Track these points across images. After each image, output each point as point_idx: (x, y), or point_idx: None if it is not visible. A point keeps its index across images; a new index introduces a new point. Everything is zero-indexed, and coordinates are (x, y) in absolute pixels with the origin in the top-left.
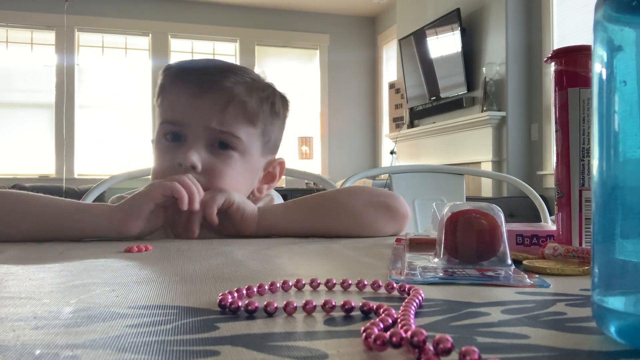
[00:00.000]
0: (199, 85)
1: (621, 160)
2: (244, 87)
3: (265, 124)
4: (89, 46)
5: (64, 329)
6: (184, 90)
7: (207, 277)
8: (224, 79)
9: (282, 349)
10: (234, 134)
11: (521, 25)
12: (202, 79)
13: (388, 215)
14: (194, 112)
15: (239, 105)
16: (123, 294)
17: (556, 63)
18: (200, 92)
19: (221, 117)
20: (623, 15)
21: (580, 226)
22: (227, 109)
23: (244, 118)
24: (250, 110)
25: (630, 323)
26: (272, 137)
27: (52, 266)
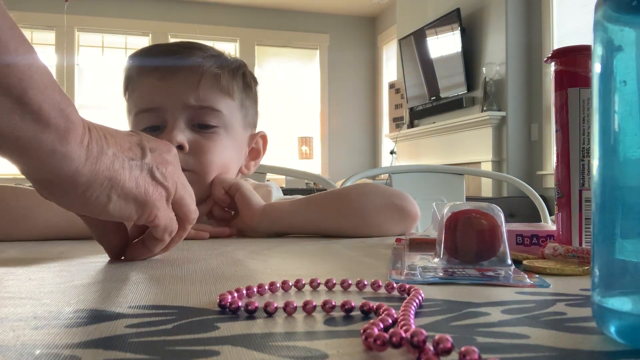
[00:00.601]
0: (167, 68)
1: (621, 160)
2: (212, 60)
3: (242, 97)
4: (89, 46)
5: (64, 329)
6: (154, 75)
7: (207, 277)
8: (191, 55)
9: (282, 349)
10: (214, 107)
11: (521, 25)
12: (168, 60)
13: (398, 217)
14: (168, 94)
15: (212, 79)
16: (123, 294)
17: (556, 63)
18: (170, 73)
19: (197, 93)
20: (623, 15)
21: (580, 226)
22: (201, 84)
23: (220, 90)
24: (225, 82)
25: (630, 323)
26: (250, 111)
27: (52, 266)
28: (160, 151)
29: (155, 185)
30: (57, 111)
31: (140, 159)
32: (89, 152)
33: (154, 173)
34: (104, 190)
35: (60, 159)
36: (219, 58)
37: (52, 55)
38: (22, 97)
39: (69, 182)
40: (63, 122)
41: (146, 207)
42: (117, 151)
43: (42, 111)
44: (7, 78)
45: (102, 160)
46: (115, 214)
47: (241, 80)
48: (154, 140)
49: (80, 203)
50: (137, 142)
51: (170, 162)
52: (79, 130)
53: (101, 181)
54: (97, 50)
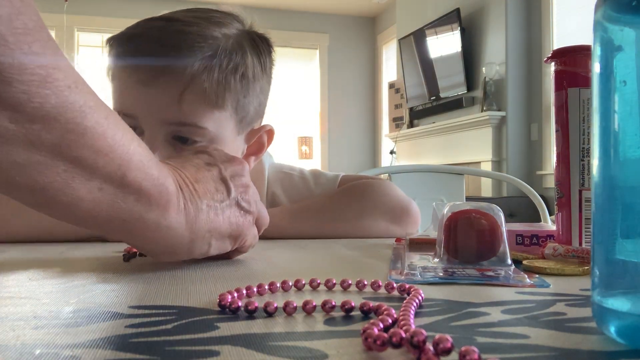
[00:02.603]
0: (148, 70)
1: (621, 160)
2: (202, 63)
3: (237, 100)
4: (89, 46)
5: (64, 329)
6: (132, 75)
7: (207, 277)
8: (177, 58)
9: (282, 349)
10: (197, 125)
11: (521, 25)
12: (150, 60)
13: (398, 226)
14: (145, 104)
15: (197, 91)
16: (123, 294)
17: (556, 63)
18: (150, 78)
19: (178, 109)
20: (623, 15)
21: (580, 226)
22: (183, 97)
23: (207, 103)
24: (213, 93)
25: (630, 323)
26: (250, 108)
27: (52, 266)
28: (239, 176)
29: (244, 215)
30: (157, 187)
31: (228, 197)
32: (187, 214)
33: (241, 204)
34: (205, 241)
35: (165, 231)
36: (212, 55)
37: None
38: (122, 181)
39: (175, 246)
40: (164, 196)
41: (239, 237)
42: (209, 199)
43: (143, 190)
44: (107, 166)
45: (199, 218)
46: (215, 253)
47: (238, 81)
48: (229, 163)
49: (185, 257)
50: (218, 177)
51: (248, 185)
52: (176, 197)
53: (202, 235)
54: (97, 50)
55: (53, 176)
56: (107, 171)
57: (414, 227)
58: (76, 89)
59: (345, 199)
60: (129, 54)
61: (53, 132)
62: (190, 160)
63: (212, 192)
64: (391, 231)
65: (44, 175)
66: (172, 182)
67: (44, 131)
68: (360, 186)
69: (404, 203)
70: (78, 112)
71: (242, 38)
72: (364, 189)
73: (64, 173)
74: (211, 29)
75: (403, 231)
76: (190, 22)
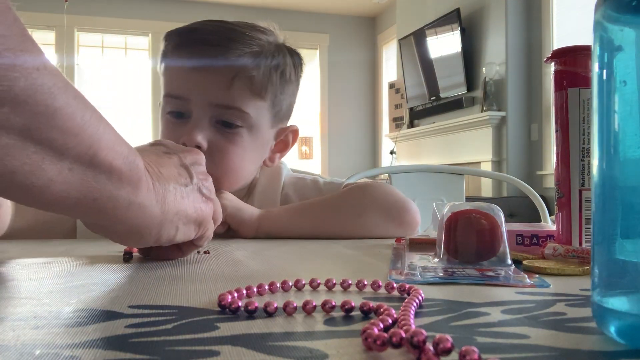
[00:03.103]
0: (202, 58)
1: (621, 160)
2: (250, 57)
3: (275, 94)
4: (89, 46)
5: (64, 329)
6: (187, 62)
7: (207, 277)
8: (229, 50)
9: (282, 349)
10: (242, 109)
11: (521, 25)
12: (205, 50)
13: (395, 225)
14: (197, 88)
15: (245, 79)
16: (123, 294)
17: (556, 63)
18: (203, 66)
19: (227, 93)
20: (623, 15)
21: (580, 226)
22: (232, 84)
23: (251, 92)
24: (258, 83)
25: (630, 323)
26: (284, 105)
27: (52, 266)
28: (198, 164)
29: (205, 202)
30: (127, 164)
31: (190, 182)
32: (157, 194)
33: (202, 191)
34: (173, 224)
35: (137, 210)
36: (259, 52)
37: (52, 55)
38: (93, 160)
39: (145, 227)
40: (135, 174)
41: (202, 225)
42: (174, 182)
43: (114, 168)
44: (77, 147)
45: (167, 199)
46: (180, 239)
47: (278, 78)
48: (187, 153)
49: (153, 241)
50: (179, 163)
51: (207, 174)
52: (146, 175)
53: (171, 217)
54: (97, 50)
55: (23, 159)
56: (77, 151)
57: (412, 226)
58: (45, 71)
59: (343, 198)
60: (187, 44)
61: (22, 115)
62: (148, 149)
63: (176, 176)
64: (388, 230)
65: (14, 158)
66: (141, 160)
67: (12, 114)
68: (359, 187)
69: (401, 202)
70: (47, 93)
71: (281, 45)
72: (362, 189)
73: (34, 155)
74: (257, 33)
75: (401, 230)
76: (240, 25)
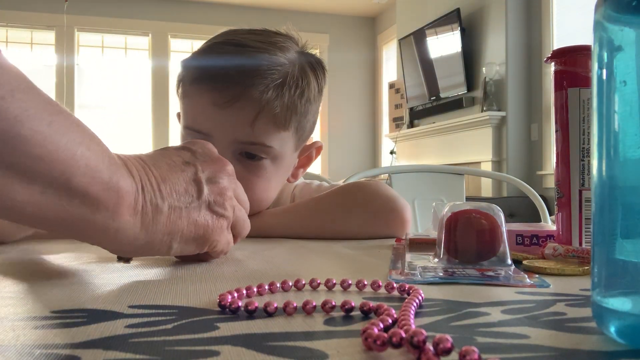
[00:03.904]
0: (224, 94)
1: (621, 160)
2: (274, 91)
3: (299, 121)
4: (89, 46)
5: (64, 329)
6: (207, 97)
7: (207, 277)
8: (252, 86)
9: (282, 349)
10: (266, 144)
11: (521, 25)
12: (227, 88)
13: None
14: (219, 125)
15: (269, 114)
16: (123, 294)
17: (556, 63)
18: (225, 102)
19: (250, 131)
20: (623, 15)
21: (580, 226)
22: (256, 121)
23: (275, 125)
24: (282, 116)
25: (630, 323)
26: (307, 127)
27: (52, 266)
28: (216, 178)
29: (215, 219)
30: (105, 189)
31: (197, 199)
32: (144, 216)
33: (213, 207)
34: (164, 244)
35: (114, 233)
36: (282, 83)
37: (52, 55)
38: (66, 185)
39: (130, 246)
40: (113, 198)
41: (207, 242)
42: (174, 200)
43: (90, 194)
44: (49, 173)
45: (158, 220)
46: (178, 254)
47: (303, 104)
48: (209, 164)
49: (143, 254)
50: (192, 177)
51: (227, 188)
52: (130, 198)
53: (160, 238)
54: (97, 50)
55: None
56: (49, 177)
57: (401, 226)
58: (12, 98)
59: (331, 198)
60: (207, 78)
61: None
62: (168, 157)
63: (179, 193)
64: (376, 230)
65: None
66: (129, 183)
67: None
68: (347, 186)
69: (389, 202)
70: (12, 121)
71: (304, 63)
72: (350, 188)
73: (2, 179)
74: (278, 54)
75: (389, 230)
76: (259, 48)
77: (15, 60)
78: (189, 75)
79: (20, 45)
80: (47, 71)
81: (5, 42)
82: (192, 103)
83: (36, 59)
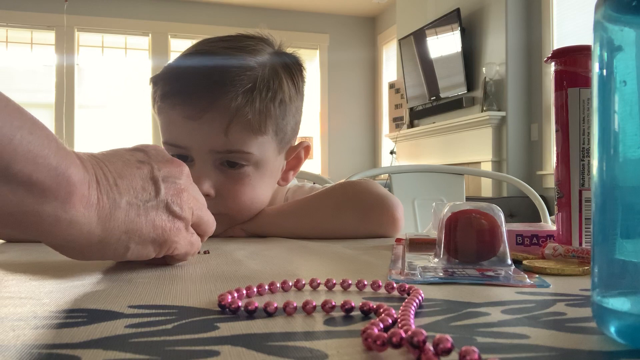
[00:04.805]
0: (195, 107)
1: (621, 160)
2: (244, 97)
3: (277, 124)
4: (89, 46)
5: (64, 329)
6: (179, 111)
7: (207, 277)
8: (221, 95)
9: (282, 349)
10: (244, 151)
11: (521, 25)
12: (196, 97)
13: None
14: (194, 137)
15: (242, 121)
16: (123, 294)
17: (556, 63)
18: (197, 114)
19: (225, 140)
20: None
21: (580, 226)
22: (230, 129)
23: (251, 131)
24: (256, 121)
25: (630, 323)
26: (288, 129)
27: (52, 266)
28: (173, 178)
29: (172, 220)
30: (53, 177)
31: (155, 198)
32: (100, 210)
33: (170, 207)
34: (122, 243)
35: (67, 226)
36: (253, 87)
37: (52, 55)
38: (6, 172)
39: (83, 243)
40: (63, 187)
41: (165, 244)
42: (131, 197)
43: (34, 182)
44: None
45: (115, 215)
46: (134, 258)
47: (277, 107)
48: (164, 164)
49: (97, 258)
50: (148, 175)
51: (184, 189)
52: (84, 190)
53: (118, 236)
54: (97, 50)
55: None
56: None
57: (392, 224)
58: None
59: (322, 198)
60: (176, 92)
61: None
62: (121, 156)
63: (136, 190)
64: (367, 229)
65: None
66: (79, 171)
67: None
68: (338, 185)
69: (379, 200)
70: None
71: (276, 64)
72: (340, 187)
73: None
74: (247, 59)
75: (380, 229)
76: (227, 55)
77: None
78: (160, 91)
79: (20, 45)
80: (47, 71)
81: (5, 42)
82: (166, 119)
83: (36, 59)
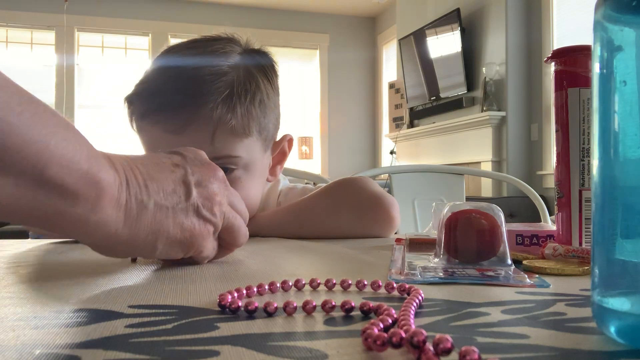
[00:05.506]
0: (176, 121)
1: (621, 160)
2: (224, 104)
3: (259, 124)
4: (89, 46)
5: (64, 329)
6: (160, 127)
7: (207, 277)
8: (202, 105)
9: (282, 349)
10: (232, 155)
11: (521, 25)
12: (176, 113)
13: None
14: None
15: (226, 128)
16: (123, 294)
17: (556, 63)
18: (179, 128)
19: (211, 147)
20: (623, 15)
21: (580, 226)
22: (214, 138)
23: (236, 136)
24: (240, 126)
25: (630, 323)
26: (270, 126)
27: (52, 266)
28: (206, 183)
29: (202, 224)
30: (84, 181)
31: (185, 201)
32: (128, 211)
33: (201, 211)
34: (149, 243)
35: (95, 227)
36: (230, 93)
37: (52, 55)
38: (41, 177)
39: (111, 242)
40: (93, 191)
41: (192, 246)
42: (160, 199)
43: (67, 185)
44: (20, 164)
45: (142, 217)
46: (163, 257)
47: (257, 108)
48: (199, 168)
49: (125, 255)
50: (181, 178)
51: (216, 193)
52: (113, 191)
53: (144, 237)
54: (97, 50)
55: None
56: (20, 168)
57: (388, 223)
58: None
59: (317, 198)
60: (155, 110)
61: None
62: (157, 158)
63: (166, 192)
64: (363, 228)
65: None
66: (109, 175)
67: None
68: (336, 184)
69: (375, 198)
70: None
71: (249, 64)
72: (336, 186)
73: None
74: (220, 63)
75: (376, 228)
76: (199, 65)
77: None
78: (137, 110)
79: (20, 45)
80: (47, 71)
81: (5, 42)
82: (148, 136)
83: (36, 59)
